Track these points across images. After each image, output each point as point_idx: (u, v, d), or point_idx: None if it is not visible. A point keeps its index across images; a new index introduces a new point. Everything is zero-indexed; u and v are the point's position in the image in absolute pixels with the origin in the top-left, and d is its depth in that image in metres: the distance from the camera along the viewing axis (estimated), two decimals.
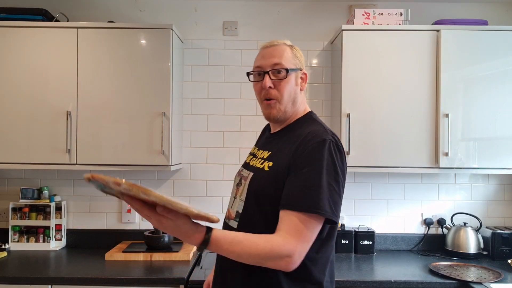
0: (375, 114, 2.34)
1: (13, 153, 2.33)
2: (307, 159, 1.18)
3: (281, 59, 1.32)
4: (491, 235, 2.47)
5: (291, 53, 1.35)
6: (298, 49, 1.40)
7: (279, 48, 1.35)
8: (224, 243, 1.10)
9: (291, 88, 1.33)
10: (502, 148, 2.33)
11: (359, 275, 2.13)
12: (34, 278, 2.05)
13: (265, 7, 2.72)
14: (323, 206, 1.13)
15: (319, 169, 1.16)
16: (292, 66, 1.33)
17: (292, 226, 1.13)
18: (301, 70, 1.37)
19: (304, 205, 1.13)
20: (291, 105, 1.34)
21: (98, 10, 2.71)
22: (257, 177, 1.29)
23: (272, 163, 1.27)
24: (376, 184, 2.70)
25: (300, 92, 1.37)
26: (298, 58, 1.37)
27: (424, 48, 2.34)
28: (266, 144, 1.41)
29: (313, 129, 1.26)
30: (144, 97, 2.34)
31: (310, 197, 1.13)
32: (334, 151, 1.20)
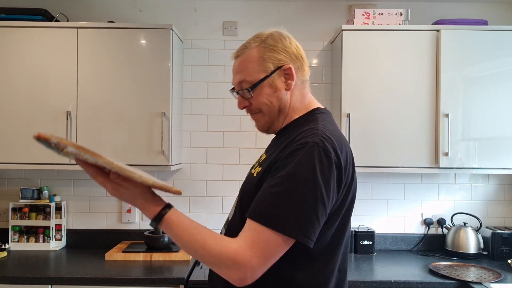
0: (375, 114, 2.34)
1: (13, 153, 2.33)
2: (284, 163, 1.01)
3: (244, 74, 1.16)
4: (491, 235, 2.47)
5: (258, 56, 1.15)
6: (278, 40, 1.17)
7: (243, 58, 1.18)
8: (176, 227, 1.01)
9: (268, 99, 1.15)
10: (502, 148, 2.33)
11: (359, 275, 2.13)
12: (34, 278, 2.05)
13: (265, 7, 2.72)
14: (288, 225, 0.95)
15: (293, 178, 0.98)
16: (260, 74, 1.14)
17: (251, 236, 0.97)
18: (281, 68, 1.14)
19: (266, 218, 0.97)
20: (277, 114, 1.17)
21: (98, 10, 2.71)
22: (246, 184, 1.17)
23: (261, 169, 1.12)
24: (376, 184, 2.70)
25: (287, 93, 1.16)
26: (271, 57, 1.15)
27: (424, 48, 2.33)
28: (268, 148, 1.26)
29: (305, 129, 1.09)
30: (144, 97, 2.34)
31: (275, 211, 0.97)
32: (317, 158, 0.99)
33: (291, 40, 1.19)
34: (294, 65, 1.16)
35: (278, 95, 1.16)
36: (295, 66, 1.16)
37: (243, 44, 1.21)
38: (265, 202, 1.00)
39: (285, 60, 1.15)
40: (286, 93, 1.16)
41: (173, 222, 1.02)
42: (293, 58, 1.17)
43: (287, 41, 1.17)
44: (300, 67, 1.18)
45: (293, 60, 1.16)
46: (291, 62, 1.15)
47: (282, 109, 1.17)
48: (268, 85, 1.15)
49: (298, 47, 1.19)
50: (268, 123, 1.20)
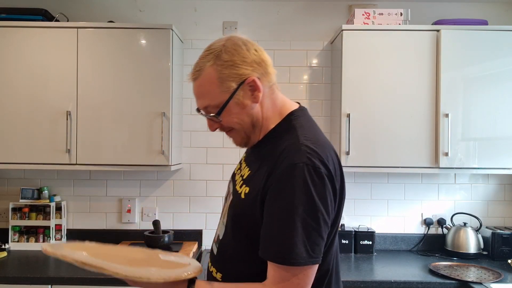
0: (375, 114, 2.34)
1: (13, 153, 2.33)
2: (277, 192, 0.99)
3: (207, 99, 1.09)
4: (491, 235, 2.47)
5: (216, 77, 1.06)
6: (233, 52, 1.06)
7: (201, 82, 1.09)
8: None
9: (238, 117, 1.10)
10: (502, 148, 2.33)
11: (359, 275, 2.13)
12: (34, 278, 2.05)
13: (265, 7, 2.72)
14: (299, 254, 0.95)
15: (290, 206, 0.96)
16: (223, 96, 1.07)
17: (276, 277, 0.99)
18: (244, 83, 1.06)
19: (278, 257, 0.97)
20: (252, 128, 1.12)
21: (98, 10, 2.71)
22: (235, 205, 1.11)
23: (248, 189, 1.07)
24: (376, 184, 2.70)
25: (256, 106, 1.09)
26: (231, 74, 1.05)
27: (424, 48, 2.33)
28: (248, 158, 1.21)
29: (285, 146, 1.03)
30: (144, 97, 2.34)
31: (283, 246, 0.96)
32: (309, 177, 0.96)
33: (249, 45, 1.09)
34: (257, 74, 1.07)
35: (247, 111, 1.10)
36: (259, 74, 1.08)
37: (196, 63, 1.11)
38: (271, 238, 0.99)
39: (246, 72, 1.06)
40: (255, 105, 1.10)
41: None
42: (255, 66, 1.07)
43: (244, 49, 1.07)
44: (264, 73, 1.09)
45: (255, 68, 1.07)
46: (253, 72, 1.07)
47: (256, 122, 1.12)
48: (235, 104, 1.08)
49: (257, 50, 1.09)
50: (244, 139, 1.16)
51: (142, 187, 2.70)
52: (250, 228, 1.05)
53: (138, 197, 2.69)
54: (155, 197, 2.70)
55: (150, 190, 2.70)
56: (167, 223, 2.66)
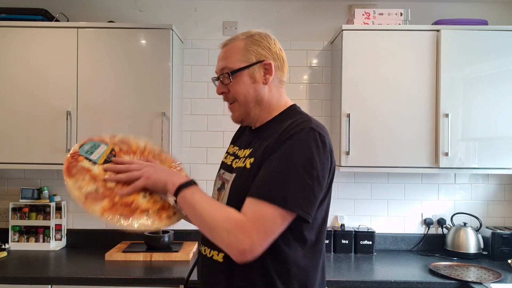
0: (375, 114, 2.34)
1: (13, 153, 2.33)
2: (282, 146, 1.08)
3: (227, 61, 1.22)
4: (491, 235, 2.47)
5: (243, 48, 1.22)
6: (263, 38, 1.24)
7: (229, 47, 1.24)
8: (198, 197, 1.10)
9: (246, 88, 1.21)
10: (502, 148, 2.33)
11: (359, 275, 2.13)
12: (34, 278, 2.05)
13: (265, 7, 2.72)
14: (288, 199, 1.02)
15: (292, 158, 1.05)
16: (242, 64, 1.20)
17: (252, 212, 1.03)
18: (262, 62, 1.21)
19: (266, 194, 1.03)
20: (254, 105, 1.23)
21: (98, 10, 2.71)
22: (239, 177, 1.17)
23: (253, 159, 1.15)
24: (376, 184, 2.70)
25: (264, 87, 1.22)
26: (255, 50, 1.21)
27: (424, 48, 2.33)
28: (247, 143, 1.28)
29: (296, 119, 1.15)
30: (144, 97, 2.34)
31: (276, 187, 1.03)
32: (314, 142, 1.07)
33: (276, 42, 1.27)
34: (274, 63, 1.22)
35: (255, 87, 1.21)
36: (275, 64, 1.23)
37: (232, 36, 1.27)
38: (265, 180, 1.06)
39: (266, 56, 1.22)
40: (264, 86, 1.22)
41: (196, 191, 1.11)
42: (275, 57, 1.23)
43: (272, 42, 1.25)
44: (280, 68, 1.25)
45: (274, 58, 1.23)
46: (272, 60, 1.22)
47: (259, 101, 1.23)
48: (248, 75, 1.21)
49: (281, 50, 1.26)
50: (243, 114, 1.25)
51: None
52: None
53: None
54: None
55: None
56: None
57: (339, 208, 2.69)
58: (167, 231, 2.49)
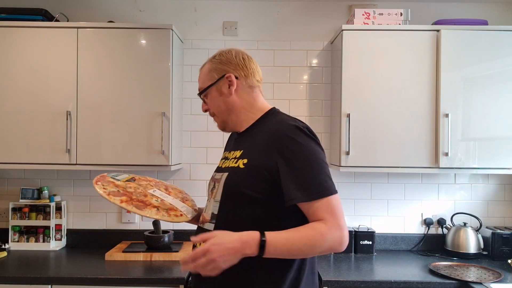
0: (375, 114, 2.34)
1: (13, 153, 2.33)
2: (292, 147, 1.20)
3: (200, 83, 1.42)
4: (491, 235, 2.47)
5: (209, 69, 1.39)
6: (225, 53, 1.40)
7: (201, 71, 1.43)
8: (279, 245, 1.13)
9: (216, 101, 1.38)
10: (502, 148, 2.33)
11: (359, 275, 2.13)
12: (34, 278, 2.05)
13: (265, 7, 2.72)
14: (331, 186, 1.20)
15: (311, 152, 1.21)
16: (207, 83, 1.38)
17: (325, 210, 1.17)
18: (224, 76, 1.36)
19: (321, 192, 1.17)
20: (228, 114, 1.38)
21: (98, 10, 2.71)
22: (233, 176, 1.28)
23: (246, 160, 1.27)
24: (376, 184, 2.70)
25: (232, 97, 1.37)
26: (216, 68, 1.38)
27: (424, 48, 2.34)
28: (235, 145, 1.40)
29: (279, 118, 1.31)
30: (144, 97, 2.34)
31: (320, 183, 1.18)
32: (310, 133, 1.25)
33: (239, 53, 1.40)
34: (236, 73, 1.36)
35: (224, 99, 1.37)
36: (239, 75, 1.36)
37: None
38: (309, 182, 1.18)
39: (227, 70, 1.37)
40: (231, 96, 1.36)
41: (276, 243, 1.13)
42: (237, 67, 1.37)
43: (232, 55, 1.38)
44: (246, 75, 1.37)
45: (236, 69, 1.37)
46: (234, 71, 1.36)
47: (231, 109, 1.37)
48: (215, 91, 1.38)
49: (245, 59, 1.39)
50: (222, 123, 1.42)
51: None
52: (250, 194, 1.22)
53: None
54: None
55: None
56: (167, 223, 2.66)
57: None
58: (167, 231, 2.49)
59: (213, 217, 1.29)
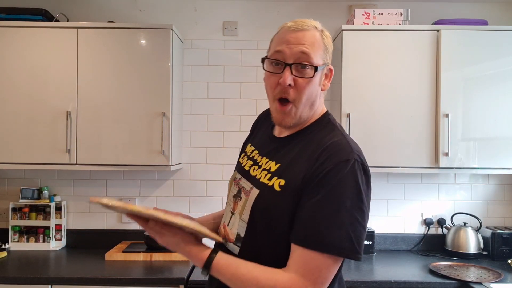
0: (375, 114, 2.34)
1: (13, 153, 2.33)
2: (326, 181, 0.96)
3: (311, 50, 1.04)
4: (491, 235, 2.47)
5: (322, 43, 1.07)
6: (328, 35, 1.11)
7: (311, 34, 1.06)
8: (226, 271, 1.00)
9: (313, 89, 1.06)
10: (502, 148, 2.33)
11: (359, 275, 2.13)
12: (34, 278, 2.05)
13: (265, 7, 2.72)
14: (343, 245, 0.94)
15: (340, 197, 0.96)
16: (321, 62, 1.06)
17: (302, 264, 0.94)
18: (328, 65, 1.10)
19: (320, 244, 0.94)
20: (308, 109, 1.09)
21: (98, 10, 2.71)
22: (266, 197, 1.05)
23: (284, 181, 1.03)
24: (376, 184, 2.66)
25: (321, 93, 1.11)
26: (327, 49, 1.09)
27: (424, 48, 2.33)
28: (272, 151, 1.14)
29: (335, 141, 1.03)
30: (144, 97, 2.34)
31: (328, 234, 0.94)
32: (359, 174, 0.98)
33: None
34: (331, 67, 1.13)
35: (317, 90, 1.09)
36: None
37: (300, 20, 1.09)
38: (313, 226, 0.95)
39: (330, 59, 1.12)
40: (320, 92, 1.11)
41: (221, 267, 1.01)
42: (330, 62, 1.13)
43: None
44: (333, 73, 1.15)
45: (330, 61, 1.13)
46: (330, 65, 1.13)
47: (313, 106, 1.10)
48: (319, 76, 1.07)
49: None
50: (297, 118, 1.09)
51: (142, 187, 2.70)
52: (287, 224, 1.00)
53: (138, 197, 2.69)
54: (155, 197, 2.70)
55: (150, 190, 2.70)
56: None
57: None
58: None
59: (239, 240, 1.09)
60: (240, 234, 1.09)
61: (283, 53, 1.05)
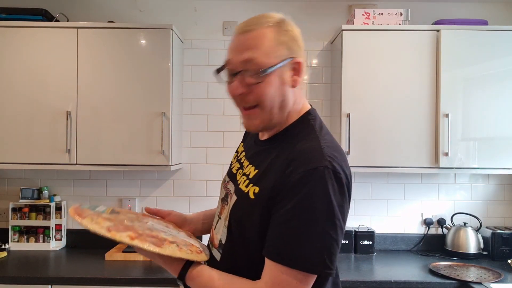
0: (375, 114, 2.34)
1: (13, 153, 2.33)
2: (294, 193, 0.90)
3: (256, 52, 0.97)
4: (491, 235, 2.47)
5: (274, 39, 0.99)
6: (293, 26, 1.04)
7: (255, 35, 0.99)
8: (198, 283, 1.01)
9: (275, 90, 0.98)
10: (502, 148, 2.33)
11: (359, 275, 2.13)
12: (34, 278, 2.05)
13: (265, 7, 2.72)
14: (313, 260, 0.89)
15: (309, 210, 0.89)
16: (274, 60, 0.97)
17: (274, 278, 0.91)
18: (293, 59, 1.00)
19: (287, 259, 0.89)
20: (278, 111, 1.01)
21: (98, 10, 2.71)
22: (241, 205, 1.02)
23: (258, 189, 0.98)
24: (376, 184, 2.70)
25: (291, 90, 1.01)
26: (287, 43, 1.01)
27: (424, 48, 2.33)
28: (254, 155, 1.11)
29: (306, 147, 0.96)
30: (144, 97, 2.34)
31: (297, 249, 0.89)
32: (330, 183, 0.90)
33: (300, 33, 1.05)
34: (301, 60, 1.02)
35: (282, 90, 1.00)
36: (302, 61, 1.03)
37: (250, 19, 1.03)
38: (283, 240, 0.91)
39: (297, 52, 1.03)
40: (291, 90, 1.01)
41: (194, 279, 1.02)
42: (301, 53, 1.04)
43: (299, 33, 1.04)
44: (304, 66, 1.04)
45: (301, 55, 1.03)
46: (299, 57, 1.02)
47: (283, 107, 1.01)
48: (278, 76, 0.98)
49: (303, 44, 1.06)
50: (266, 121, 1.02)
51: (142, 187, 2.70)
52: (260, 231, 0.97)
53: (138, 197, 2.69)
54: (155, 197, 2.70)
55: (150, 190, 2.70)
56: None
57: None
58: None
59: (221, 246, 1.08)
60: (222, 240, 1.08)
61: (230, 62, 1.01)
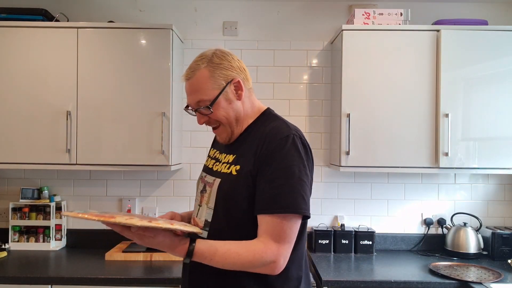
0: (375, 114, 2.34)
1: (13, 153, 2.33)
2: (273, 157, 1.18)
3: (200, 93, 1.27)
4: (491, 235, 2.47)
5: (209, 76, 1.26)
6: (222, 58, 1.28)
7: (195, 79, 1.27)
8: (208, 255, 1.14)
9: (226, 111, 1.28)
10: (502, 148, 2.33)
11: (359, 275, 2.13)
12: (34, 278, 2.05)
13: (265, 7, 2.72)
14: (299, 204, 1.15)
15: (289, 167, 1.16)
16: (216, 92, 1.26)
17: (271, 230, 1.14)
18: (231, 82, 1.28)
19: (280, 207, 1.14)
20: (235, 123, 1.31)
21: (98, 10, 2.71)
22: (226, 183, 1.24)
23: (239, 166, 1.24)
24: (376, 184, 2.70)
25: (239, 103, 1.30)
26: (220, 73, 1.27)
27: (424, 48, 2.34)
28: (229, 147, 1.35)
29: (275, 125, 1.26)
30: (144, 97, 2.34)
31: (284, 197, 1.14)
32: (300, 145, 1.21)
33: (232, 56, 1.32)
34: (240, 77, 1.30)
35: (233, 106, 1.29)
36: (241, 78, 1.30)
37: (190, 65, 1.31)
38: (273, 195, 1.15)
39: (232, 74, 1.29)
40: (239, 103, 1.31)
41: (203, 253, 1.15)
42: (238, 71, 1.30)
43: (230, 57, 1.30)
44: (245, 78, 1.32)
45: (238, 73, 1.30)
46: (237, 75, 1.29)
47: (238, 117, 1.31)
48: (224, 99, 1.28)
49: (240, 60, 1.33)
50: (229, 134, 1.32)
51: (142, 187, 2.70)
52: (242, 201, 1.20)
53: (138, 197, 2.70)
54: (155, 197, 2.70)
55: (150, 190, 2.70)
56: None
57: (339, 208, 2.69)
58: None
59: (207, 225, 1.27)
60: (207, 219, 1.27)
61: (189, 104, 1.32)
